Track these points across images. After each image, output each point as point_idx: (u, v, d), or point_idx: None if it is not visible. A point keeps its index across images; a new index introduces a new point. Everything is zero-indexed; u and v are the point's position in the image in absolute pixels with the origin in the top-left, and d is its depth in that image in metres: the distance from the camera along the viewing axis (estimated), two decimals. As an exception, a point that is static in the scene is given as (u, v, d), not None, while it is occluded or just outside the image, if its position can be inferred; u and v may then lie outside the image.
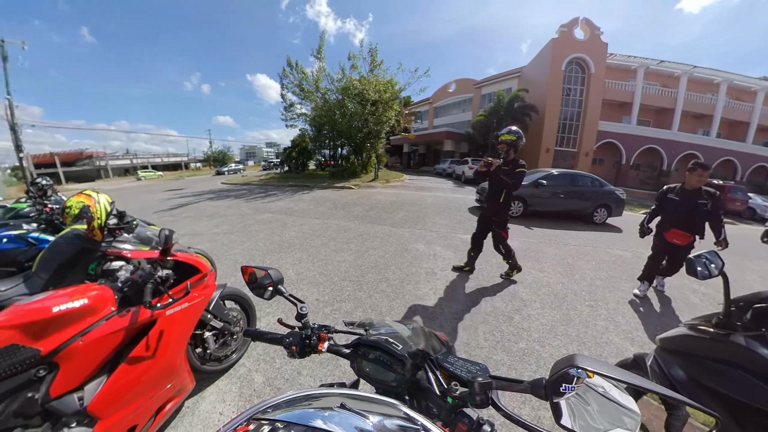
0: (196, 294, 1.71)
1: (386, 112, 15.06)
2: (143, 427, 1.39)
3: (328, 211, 7.57)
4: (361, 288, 3.25)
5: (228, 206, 8.99)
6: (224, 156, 52.73)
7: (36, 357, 1.11)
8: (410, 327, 0.77)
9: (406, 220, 6.39)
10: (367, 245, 4.67)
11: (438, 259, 4.07)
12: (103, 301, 1.34)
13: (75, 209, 2.43)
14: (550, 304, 2.98)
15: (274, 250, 4.66)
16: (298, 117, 17.26)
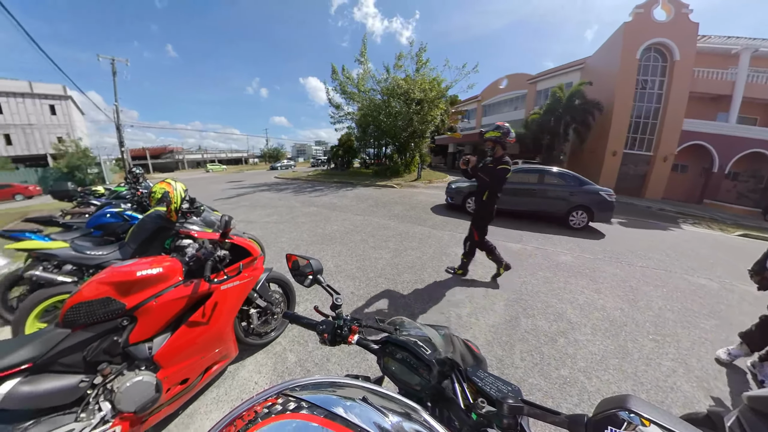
0: (246, 274, 1.91)
1: (431, 111, 14.67)
2: (193, 381, 1.61)
3: (369, 208, 7.72)
4: (395, 286, 3.25)
5: (279, 198, 9.74)
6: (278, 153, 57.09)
7: (122, 309, 1.38)
8: (441, 333, 0.75)
9: (447, 223, 6.19)
10: (405, 245, 4.65)
11: (477, 266, 3.86)
12: (173, 271, 1.58)
13: (158, 194, 2.90)
14: (604, 331, 2.59)
15: (316, 241, 4.93)
16: (345, 117, 17.72)
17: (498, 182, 3.05)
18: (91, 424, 1.20)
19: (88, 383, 1.27)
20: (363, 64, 15.75)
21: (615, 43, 16.97)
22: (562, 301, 3.05)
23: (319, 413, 0.42)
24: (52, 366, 1.23)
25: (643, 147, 17.46)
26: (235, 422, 0.44)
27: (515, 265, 3.82)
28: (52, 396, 1.17)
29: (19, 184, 17.15)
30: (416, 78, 14.72)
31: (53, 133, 26.08)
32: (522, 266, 3.87)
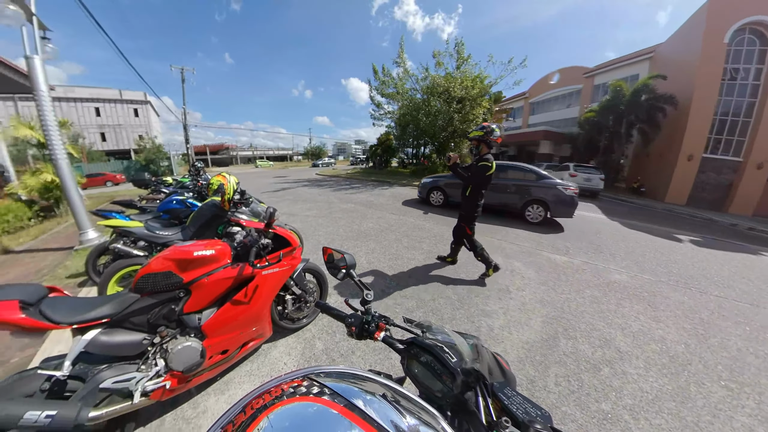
0: (285, 263, 2.05)
1: (473, 110, 13.96)
2: (231, 353, 1.80)
3: (405, 208, 7.70)
4: (426, 289, 3.19)
5: (319, 194, 10.19)
6: (320, 151, 59.70)
7: (180, 283, 1.58)
8: (470, 342, 0.73)
9: (487, 229, 5.88)
10: (440, 247, 4.52)
11: (515, 276, 3.62)
12: (224, 254, 1.76)
13: (215, 185, 3.23)
14: (661, 367, 2.20)
15: (352, 237, 5.06)
16: (385, 116, 17.75)
17: (477, 179, 3.24)
18: (148, 376, 1.42)
19: (149, 342, 1.50)
20: (400, 65, 15.60)
21: (695, 25, 13.94)
22: (610, 326, 2.68)
23: (339, 402, 0.44)
24: (124, 323, 1.47)
25: (730, 151, 14.13)
26: (263, 396, 0.47)
27: (558, 280, 3.52)
28: (121, 347, 1.41)
29: (110, 173, 20.47)
30: (457, 75, 14.17)
31: (135, 131, 31.13)
32: (567, 281, 3.52)
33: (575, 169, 13.14)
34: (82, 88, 29.10)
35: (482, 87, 14.03)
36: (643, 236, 6.12)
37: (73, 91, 28.48)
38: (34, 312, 1.25)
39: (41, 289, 1.34)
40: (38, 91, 4.11)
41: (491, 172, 3.16)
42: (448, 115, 13.85)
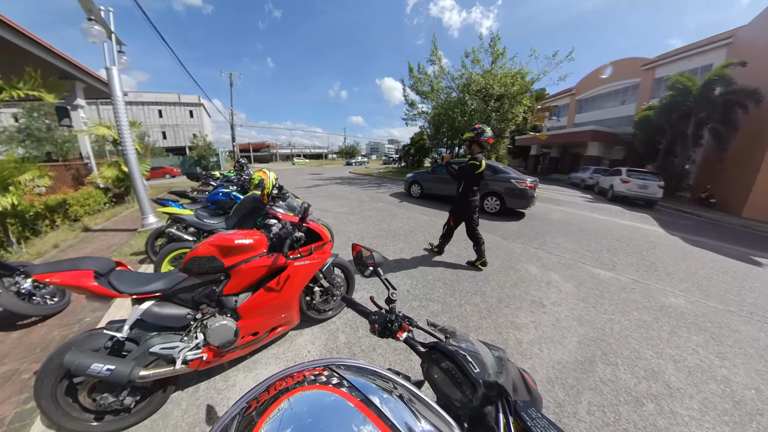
0: (316, 256, 2.14)
1: (513, 108, 13.02)
2: (261, 335, 1.95)
3: (437, 210, 7.58)
4: (453, 294, 3.09)
5: (351, 192, 10.43)
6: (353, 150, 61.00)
7: (221, 267, 1.73)
8: (495, 354, 0.69)
9: (520, 234, 5.51)
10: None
11: (552, 289, 3.33)
12: (261, 244, 1.88)
13: (255, 180, 3.46)
14: (721, 413, 1.83)
15: (381, 235, 5.10)
16: (419, 115, 17.37)
17: (466, 176, 3.54)
18: (189, 346, 1.60)
19: (192, 317, 1.68)
20: (435, 63, 15.06)
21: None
22: (660, 356, 2.33)
23: (356, 396, 0.44)
24: (173, 298, 1.67)
25: (835, 158, 11.67)
26: (287, 379, 0.49)
27: (601, 297, 3.18)
28: (169, 319, 1.61)
29: (168, 167, 22.97)
30: (496, 72, 13.35)
31: (190, 131, 35.22)
32: (611, 300, 3.14)
33: (628, 174, 11.42)
34: (148, 93, 34.11)
35: (523, 84, 13.06)
36: (711, 256, 5.20)
37: (141, 96, 33.39)
38: (104, 281, 1.49)
39: (110, 263, 1.59)
40: (115, 96, 4.78)
41: (480, 170, 3.44)
42: (485, 114, 13.15)
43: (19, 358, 2.09)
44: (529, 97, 13.94)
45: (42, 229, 4.96)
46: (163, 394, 1.64)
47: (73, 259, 1.52)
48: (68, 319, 2.54)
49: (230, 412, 0.48)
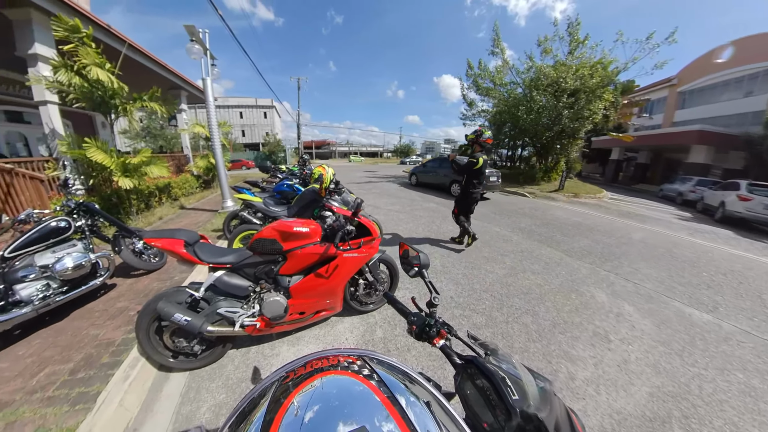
0: (364, 250, 2.23)
1: (590, 104, 10.94)
2: (306, 315, 2.13)
3: (490, 215, 7.11)
4: (500, 308, 2.84)
5: (403, 191, 10.50)
6: (408, 149, 61.08)
7: (280, 249, 1.93)
8: (540, 385, 0.61)
9: (589, 253, 4.71)
10: (525, 266, 3.95)
11: (622, 322, 2.75)
12: (315, 233, 2.03)
13: (315, 175, 3.71)
14: None
15: (430, 236, 5.01)
16: (478, 114, 16.21)
17: (466, 171, 4.09)
18: (247, 314, 1.88)
19: (252, 289, 1.94)
20: (497, 55, 13.48)
21: None
22: None
23: (384, 391, 0.44)
24: (239, 271, 1.94)
25: None
26: (323, 360, 0.51)
27: (690, 345, 2.48)
28: (234, 288, 1.90)
29: (245, 160, 26.30)
30: (571, 63, 11.45)
31: (263, 129, 40.59)
32: (704, 351, 2.42)
33: (750, 189, 8.52)
34: (233, 98, 41.53)
35: (604, 75, 10.99)
36: None
37: (227, 101, 40.74)
38: (190, 250, 1.83)
39: (196, 236, 1.94)
40: (208, 101, 5.83)
41: (477, 167, 3.98)
42: (555, 111, 11.41)
43: (130, 299, 2.71)
44: (612, 90, 11.76)
45: (153, 204, 6.18)
46: (222, 349, 1.97)
47: (171, 229, 1.93)
48: (163, 276, 3.19)
49: (271, 377, 0.52)
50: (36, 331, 2.22)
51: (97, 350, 2.03)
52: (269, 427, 0.39)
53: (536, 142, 13.64)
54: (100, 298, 2.74)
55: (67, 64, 4.34)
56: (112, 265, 2.75)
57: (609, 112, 12.38)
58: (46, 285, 2.22)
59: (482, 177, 4.12)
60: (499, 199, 9.74)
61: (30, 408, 1.58)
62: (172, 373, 1.91)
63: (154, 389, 1.79)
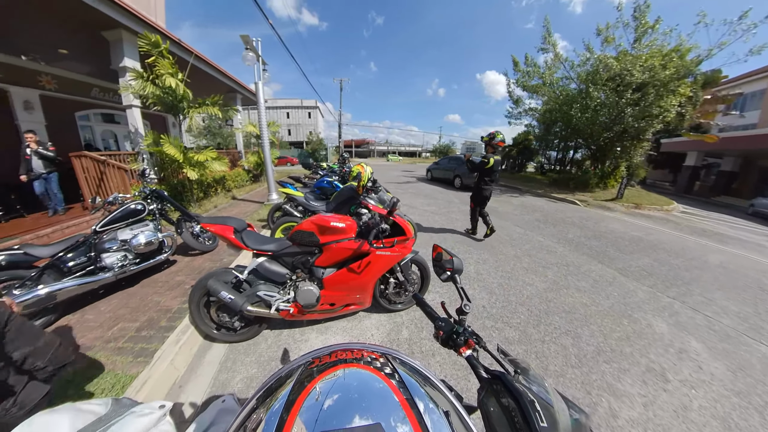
0: (397, 249, 2.24)
1: (661, 100, 9.19)
2: (336, 307, 2.21)
3: (534, 222, 6.61)
4: (537, 325, 2.60)
5: (440, 192, 10.28)
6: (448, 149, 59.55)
7: (317, 242, 2.03)
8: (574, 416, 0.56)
9: (649, 274, 4.03)
10: (570, 281, 3.56)
11: (686, 360, 2.31)
12: (351, 229, 2.09)
13: (354, 173, 3.81)
14: None
15: (465, 240, 4.86)
16: (525, 113, 14.92)
17: (479, 170, 4.56)
18: (282, 299, 2.03)
19: (288, 277, 2.08)
20: (547, 51, 12.27)
21: None
22: None
23: (403, 392, 0.44)
24: (279, 259, 2.09)
25: None
26: (347, 351, 0.53)
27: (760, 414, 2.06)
28: (273, 274, 2.05)
29: (290, 157, 28.03)
30: (637, 52, 9.80)
31: (307, 129, 43.41)
32: None
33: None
34: (281, 99, 45.38)
35: (680, 65, 9.20)
36: None
37: (276, 102, 44.26)
38: (238, 237, 2.02)
39: (244, 224, 2.12)
40: (259, 103, 6.44)
41: (488, 166, 4.43)
42: (616, 108, 9.90)
43: (186, 274, 3.13)
44: (689, 83, 9.82)
45: (210, 194, 6.91)
46: (258, 328, 2.17)
47: (224, 217, 2.14)
48: (214, 257, 3.62)
49: (299, 360, 0.55)
50: (114, 293, 2.69)
51: (158, 315, 2.38)
52: (291, 406, 0.40)
53: (591, 143, 12.19)
54: (163, 271, 3.21)
55: (147, 75, 5.11)
56: (174, 244, 3.20)
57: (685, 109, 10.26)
58: (124, 256, 2.69)
59: (494, 175, 4.59)
60: (544, 205, 8.98)
61: (104, 354, 1.93)
62: (215, 343, 2.16)
63: (198, 354, 2.05)
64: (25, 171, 4.53)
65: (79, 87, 7.61)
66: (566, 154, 16.50)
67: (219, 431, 0.67)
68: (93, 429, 0.60)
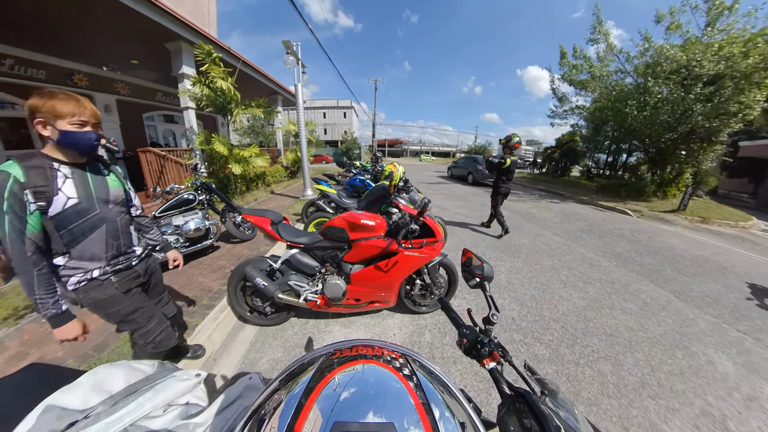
0: (425, 251, 2.22)
1: (741, 95, 7.72)
2: (361, 303, 2.26)
3: (576, 232, 6.07)
4: (571, 345, 2.35)
5: (474, 194, 9.94)
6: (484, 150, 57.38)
7: (347, 238, 2.09)
8: None
9: (715, 301, 3.41)
10: (614, 301, 3.16)
11: (755, 410, 1.91)
12: (380, 228, 2.11)
13: (386, 172, 3.85)
14: None
15: (497, 247, 4.64)
16: (571, 111, 13.34)
17: (496, 170, 4.96)
18: (311, 290, 2.14)
19: (318, 270, 2.19)
20: (598, 42, 10.94)
21: None
22: None
23: (420, 396, 0.43)
24: (310, 252, 2.19)
25: None
26: (368, 348, 0.53)
27: None
28: (304, 266, 2.17)
29: (325, 155, 29.06)
30: (711, 39, 8.33)
31: (342, 128, 44.75)
32: None
33: None
34: (318, 100, 47.47)
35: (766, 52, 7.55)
36: None
37: (314, 103, 46.41)
38: (275, 228, 2.16)
39: (280, 217, 2.26)
40: (298, 104, 6.82)
41: (505, 166, 4.75)
42: (682, 105, 8.45)
43: (227, 259, 3.45)
44: None
45: (251, 187, 7.45)
46: (286, 315, 2.33)
47: (263, 209, 2.30)
48: (253, 246, 3.95)
49: (321, 350, 0.57)
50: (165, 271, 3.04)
51: (201, 293, 2.65)
52: (310, 393, 0.42)
53: (649, 146, 10.75)
54: (208, 255, 3.56)
55: (202, 80, 5.70)
56: (218, 232, 3.54)
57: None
58: (176, 239, 3.08)
59: (510, 174, 4.96)
60: (589, 214, 8.21)
61: None
62: (247, 324, 2.35)
63: (232, 333, 2.25)
64: None
65: (146, 92, 8.72)
66: (618, 158, 14.97)
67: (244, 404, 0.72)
68: (141, 385, 0.69)
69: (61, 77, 6.45)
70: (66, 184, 1.05)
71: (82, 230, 1.10)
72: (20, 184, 0.95)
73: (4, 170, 0.94)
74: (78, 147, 1.06)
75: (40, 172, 0.99)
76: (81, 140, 1.04)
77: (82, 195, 1.08)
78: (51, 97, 0.97)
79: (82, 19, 4.61)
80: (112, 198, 1.20)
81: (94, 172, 1.16)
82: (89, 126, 1.05)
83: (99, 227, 1.14)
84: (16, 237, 0.95)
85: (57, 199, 1.02)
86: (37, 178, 0.98)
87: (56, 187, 1.02)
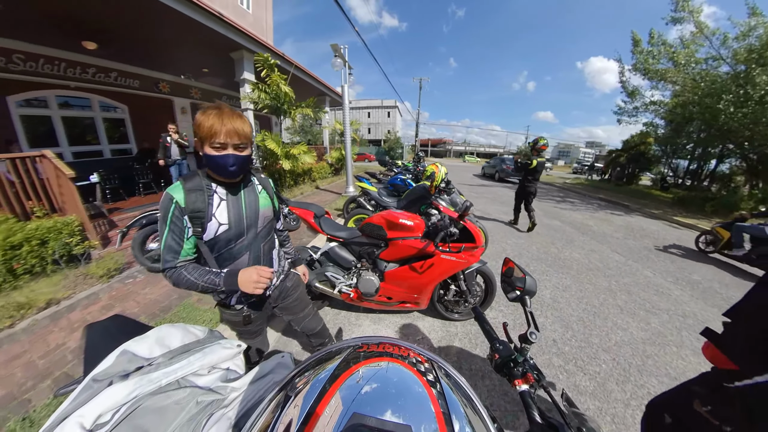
0: (463, 256, 2.14)
1: None
2: (393, 302, 2.28)
3: (642, 251, 5.23)
4: (623, 383, 2.04)
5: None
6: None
7: (384, 236, 2.12)
8: None
9: None
10: (684, 338, 2.65)
11: None
12: (418, 228, 2.11)
13: (428, 172, 3.79)
14: None
15: (544, 260, 4.27)
16: (644, 108, 11.20)
17: (524, 169, 5.30)
18: (345, 283, 2.24)
19: (354, 264, 2.27)
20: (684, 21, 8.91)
21: None
22: None
23: (441, 405, 0.42)
24: (348, 246, 2.28)
25: None
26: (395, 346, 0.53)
27: None
28: (342, 259, 2.27)
29: (368, 154, 29.70)
30: None
31: (386, 127, 45.67)
32: None
33: None
34: (363, 100, 48.94)
35: None
36: None
37: (359, 103, 47.86)
38: (317, 221, 2.29)
39: (323, 211, 2.39)
40: (344, 104, 7.17)
41: (532, 167, 5.11)
42: None
43: None
44: None
45: (299, 182, 7.98)
46: (321, 303, 2.48)
47: (307, 203, 2.46)
48: (296, 236, 4.27)
49: (350, 341, 0.58)
50: None
51: None
52: (334, 380, 0.43)
53: (750, 151, 8.95)
54: None
55: (261, 86, 6.32)
56: None
57: None
58: None
59: (537, 174, 5.21)
60: (660, 231, 7.05)
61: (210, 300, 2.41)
62: None
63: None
64: (163, 156, 5.59)
65: (214, 96, 9.93)
66: (704, 165, 12.66)
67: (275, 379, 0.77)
68: (194, 347, 0.82)
69: (151, 85, 7.68)
70: (219, 208, 1.00)
71: (228, 256, 1.08)
72: (180, 209, 0.93)
73: (169, 193, 0.94)
74: (218, 172, 0.98)
75: (199, 195, 0.96)
76: (218, 165, 0.95)
77: (232, 220, 1.03)
78: (202, 113, 0.91)
79: (167, 38, 5.48)
80: (261, 220, 1.13)
81: (248, 191, 1.09)
82: (229, 148, 0.93)
83: (243, 254, 1.10)
84: (171, 258, 0.97)
85: (210, 225, 0.99)
86: (195, 202, 0.95)
87: (210, 213, 0.98)
